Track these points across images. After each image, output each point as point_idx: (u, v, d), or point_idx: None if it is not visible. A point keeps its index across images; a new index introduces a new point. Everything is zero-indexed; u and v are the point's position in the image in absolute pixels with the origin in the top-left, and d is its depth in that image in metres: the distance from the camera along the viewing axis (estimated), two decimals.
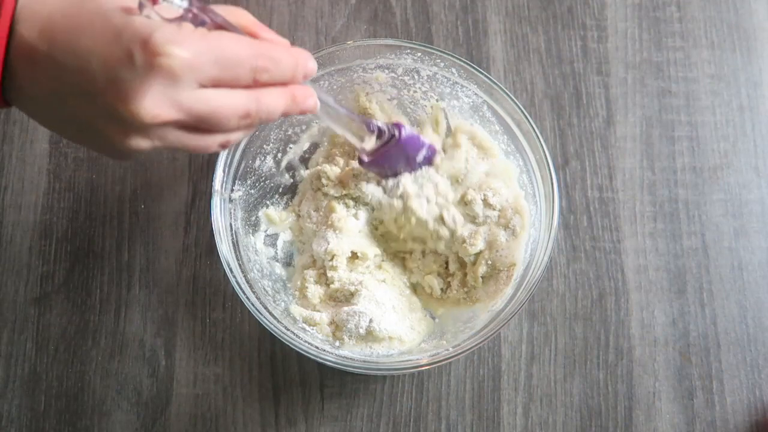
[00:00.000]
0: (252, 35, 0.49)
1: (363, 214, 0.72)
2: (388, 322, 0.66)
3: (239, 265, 0.66)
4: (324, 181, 0.71)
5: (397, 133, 0.65)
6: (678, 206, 0.77)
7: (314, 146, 0.75)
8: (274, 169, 0.73)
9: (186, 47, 0.43)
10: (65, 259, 0.74)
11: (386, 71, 0.71)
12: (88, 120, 0.45)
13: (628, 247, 0.76)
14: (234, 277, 0.64)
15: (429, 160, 0.69)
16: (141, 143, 0.45)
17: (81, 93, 0.44)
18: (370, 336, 0.66)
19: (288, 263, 0.73)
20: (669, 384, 0.72)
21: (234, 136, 0.50)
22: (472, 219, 0.70)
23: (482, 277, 0.69)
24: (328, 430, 0.70)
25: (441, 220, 0.69)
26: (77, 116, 0.46)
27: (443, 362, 0.62)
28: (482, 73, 0.68)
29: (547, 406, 0.71)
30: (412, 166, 0.68)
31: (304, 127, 0.74)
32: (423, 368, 0.63)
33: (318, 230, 0.71)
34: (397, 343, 0.67)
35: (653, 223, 0.77)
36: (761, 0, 0.84)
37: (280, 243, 0.73)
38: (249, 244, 0.70)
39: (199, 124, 0.46)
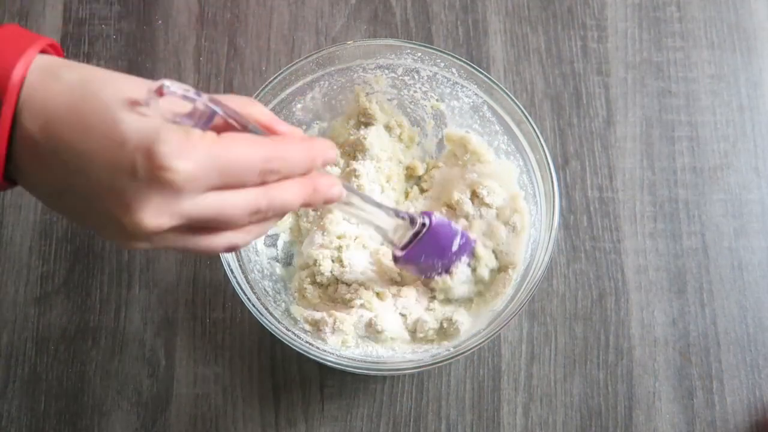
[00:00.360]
0: (267, 129, 0.47)
1: (371, 242, 0.70)
2: (389, 323, 0.66)
3: (240, 266, 0.65)
4: None
5: (427, 221, 0.63)
6: (678, 206, 0.77)
7: None
8: None
9: (191, 159, 0.41)
10: (65, 259, 0.74)
11: (386, 71, 0.71)
12: (89, 217, 0.45)
13: (628, 247, 0.76)
14: (235, 278, 0.63)
15: (466, 250, 0.66)
16: (142, 245, 0.44)
17: (83, 193, 0.43)
18: (371, 337, 0.66)
19: (288, 263, 0.72)
20: (669, 384, 0.72)
21: (249, 234, 0.47)
22: (465, 218, 0.69)
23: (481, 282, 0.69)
24: (328, 430, 0.71)
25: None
26: (79, 212, 0.45)
27: (443, 362, 0.62)
28: (482, 73, 0.68)
29: (547, 406, 0.71)
30: (448, 258, 0.66)
31: (304, 128, 0.74)
32: (423, 368, 0.62)
33: (310, 230, 0.71)
34: (399, 343, 0.67)
35: (653, 223, 0.77)
36: (761, 0, 0.84)
37: (280, 243, 0.73)
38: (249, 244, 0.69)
39: (205, 225, 0.45)
